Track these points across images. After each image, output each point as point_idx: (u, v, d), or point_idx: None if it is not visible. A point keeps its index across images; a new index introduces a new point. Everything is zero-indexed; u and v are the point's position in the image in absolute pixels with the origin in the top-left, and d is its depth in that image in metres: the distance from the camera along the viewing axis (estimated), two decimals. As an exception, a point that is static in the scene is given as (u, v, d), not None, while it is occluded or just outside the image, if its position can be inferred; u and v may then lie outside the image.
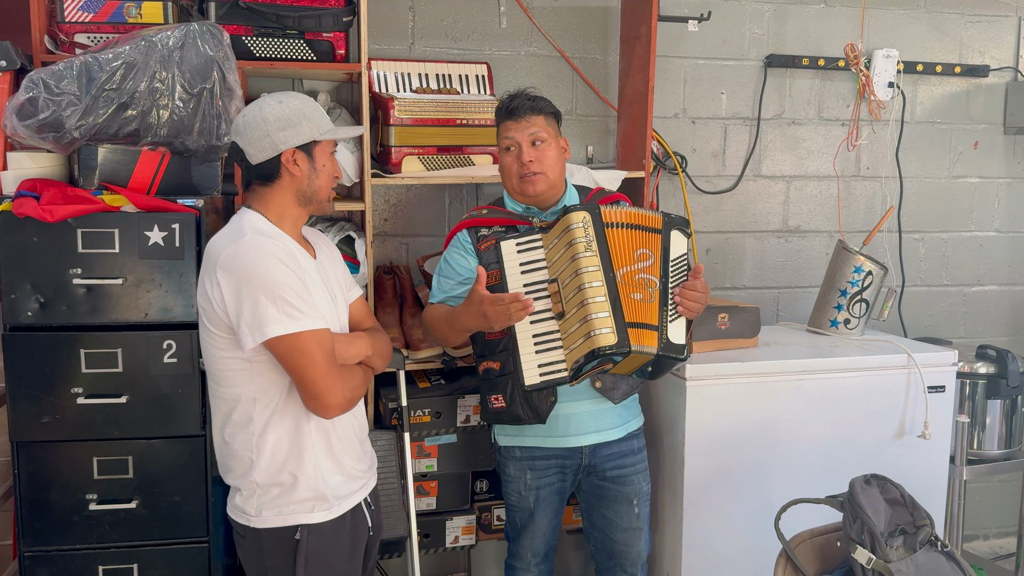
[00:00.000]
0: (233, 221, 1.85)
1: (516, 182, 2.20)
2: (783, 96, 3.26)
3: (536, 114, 2.19)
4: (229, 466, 1.88)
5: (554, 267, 2.04)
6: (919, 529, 1.94)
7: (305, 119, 1.83)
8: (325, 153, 1.88)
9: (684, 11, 3.08)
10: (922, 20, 3.34)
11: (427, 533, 2.70)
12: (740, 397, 2.52)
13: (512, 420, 2.22)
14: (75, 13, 2.29)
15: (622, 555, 2.35)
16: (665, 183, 3.17)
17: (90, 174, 2.13)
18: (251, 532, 1.85)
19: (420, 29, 2.93)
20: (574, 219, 2.01)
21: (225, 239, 1.79)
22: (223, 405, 1.84)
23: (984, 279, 3.56)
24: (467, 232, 2.25)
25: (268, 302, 1.70)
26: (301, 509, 1.83)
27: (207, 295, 1.76)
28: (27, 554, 2.13)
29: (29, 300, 2.05)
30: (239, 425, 1.82)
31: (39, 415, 2.08)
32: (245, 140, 1.83)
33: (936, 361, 2.69)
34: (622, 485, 2.29)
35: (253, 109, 1.84)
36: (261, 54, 2.46)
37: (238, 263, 1.73)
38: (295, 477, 1.82)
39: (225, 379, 1.82)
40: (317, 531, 1.84)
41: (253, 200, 1.87)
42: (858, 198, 3.38)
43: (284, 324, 1.71)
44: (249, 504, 1.84)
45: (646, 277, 2.04)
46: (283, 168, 1.83)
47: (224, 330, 1.77)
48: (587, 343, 1.95)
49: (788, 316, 3.36)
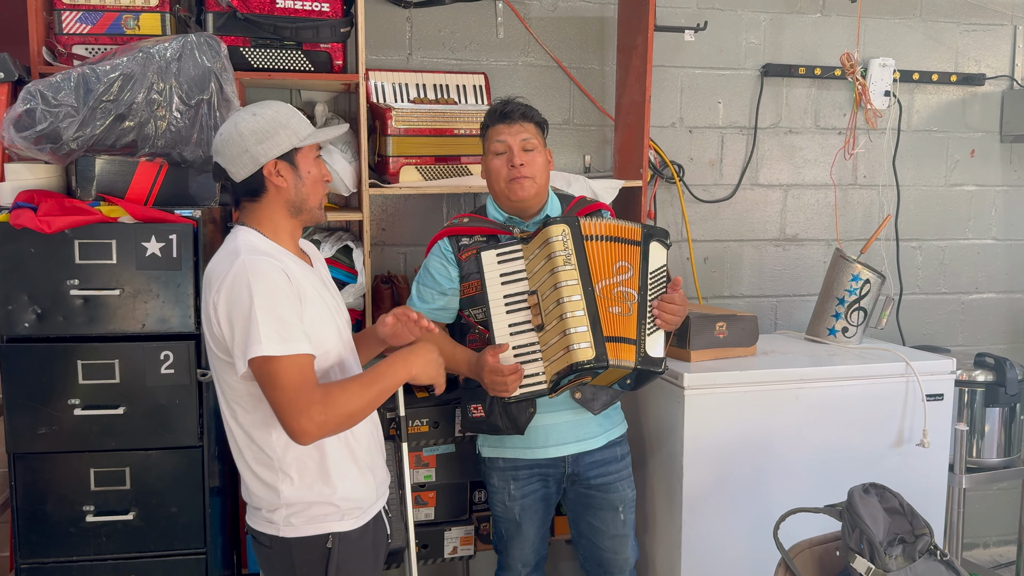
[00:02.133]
0: (228, 241, 1.79)
1: (504, 185, 2.18)
2: (780, 105, 3.27)
3: (528, 121, 2.20)
4: (255, 492, 1.79)
5: (534, 279, 2.05)
6: (918, 538, 1.93)
7: (282, 127, 1.75)
8: (309, 159, 1.80)
9: (680, 21, 3.09)
10: (918, 29, 3.35)
11: (425, 544, 2.69)
12: (738, 406, 2.51)
13: (491, 430, 2.22)
14: (73, 25, 2.30)
15: (610, 562, 2.35)
16: (662, 192, 3.18)
17: (87, 185, 2.14)
18: (279, 542, 1.78)
19: (417, 40, 2.94)
20: (553, 232, 2.02)
21: (221, 263, 1.73)
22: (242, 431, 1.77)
23: (982, 287, 3.56)
24: (448, 240, 2.24)
25: (253, 324, 1.63)
26: (332, 517, 1.78)
27: (211, 320, 1.71)
28: (24, 566, 2.12)
29: (26, 311, 2.05)
30: (260, 449, 1.75)
31: (36, 426, 2.08)
32: (225, 159, 1.76)
33: (934, 369, 2.69)
34: (607, 493, 2.29)
35: (228, 126, 1.76)
36: (259, 65, 2.47)
37: (231, 286, 1.67)
38: (323, 494, 1.77)
39: (238, 403, 1.75)
40: (347, 539, 1.80)
41: (245, 217, 1.81)
42: (855, 206, 3.39)
43: (263, 346, 1.63)
44: (276, 514, 1.77)
45: (625, 290, 2.05)
46: (267, 181, 1.76)
47: (228, 355, 1.71)
48: (565, 357, 1.97)
49: (786, 325, 3.36)
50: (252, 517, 1.84)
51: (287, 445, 1.73)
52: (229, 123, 1.77)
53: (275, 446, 1.74)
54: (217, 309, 1.68)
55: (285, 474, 1.75)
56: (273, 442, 1.74)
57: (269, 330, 1.63)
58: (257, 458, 1.76)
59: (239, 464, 1.81)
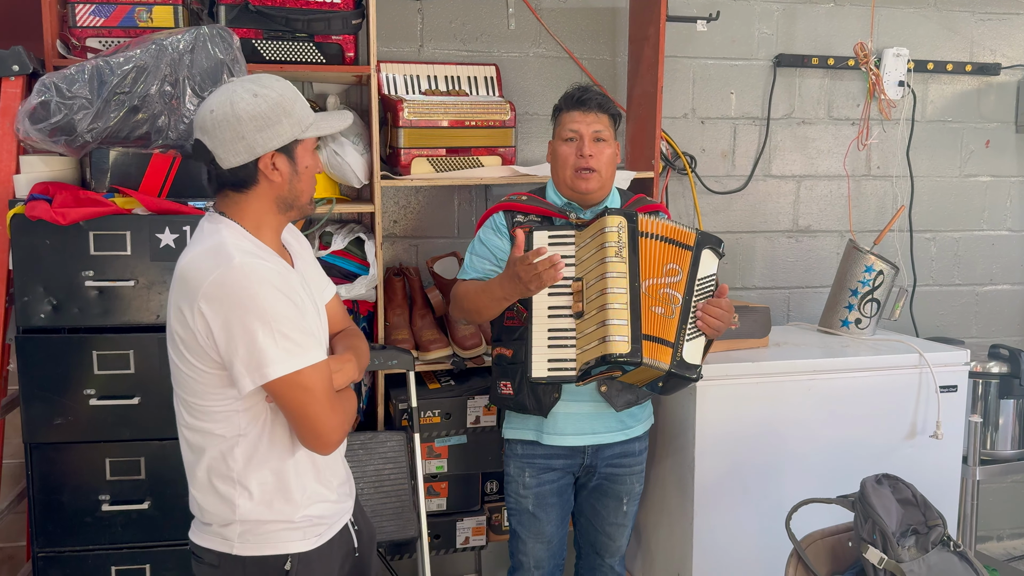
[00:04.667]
0: (207, 233, 1.59)
1: (571, 174, 2.17)
2: (793, 96, 3.25)
3: (603, 112, 2.18)
4: (204, 506, 1.64)
5: (582, 266, 2.05)
6: (931, 529, 1.93)
7: (285, 115, 1.56)
8: (308, 151, 1.63)
9: (692, 11, 3.07)
10: (932, 18, 3.32)
11: (437, 534, 2.70)
12: (751, 397, 2.51)
13: (517, 408, 2.22)
14: (86, 18, 2.31)
15: (603, 546, 2.37)
16: (674, 183, 3.17)
17: (102, 177, 2.15)
18: (230, 561, 1.62)
19: (429, 31, 2.94)
20: (610, 222, 2.01)
21: (206, 260, 1.53)
22: (201, 440, 1.61)
23: (996, 278, 3.53)
24: (503, 215, 2.24)
25: (266, 337, 1.49)
26: (292, 537, 1.64)
27: (186, 324, 1.52)
28: (40, 555, 2.14)
29: (42, 302, 2.07)
30: (219, 460, 1.60)
31: (52, 417, 2.10)
32: (215, 141, 1.54)
33: (948, 361, 2.67)
34: (615, 483, 2.30)
35: (223, 103, 1.54)
36: (271, 57, 2.47)
37: (226, 293, 1.49)
38: (283, 512, 1.63)
39: (207, 415, 1.59)
40: (307, 559, 1.65)
41: (226, 207, 1.61)
42: (869, 197, 3.37)
43: (286, 362, 1.50)
44: (229, 530, 1.61)
45: (670, 292, 2.04)
46: (260, 174, 1.57)
47: (211, 366, 1.54)
48: (600, 347, 1.95)
49: (799, 316, 3.35)
50: (198, 533, 1.67)
51: (249, 459, 1.60)
52: (223, 98, 1.55)
53: (238, 458, 1.59)
54: (207, 316, 1.50)
55: (244, 488, 1.60)
56: (237, 455, 1.59)
57: (287, 344, 1.51)
58: (215, 469, 1.61)
59: (190, 474, 1.66)
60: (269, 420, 1.61)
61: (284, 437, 1.62)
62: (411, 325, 2.71)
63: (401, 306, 2.75)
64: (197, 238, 1.61)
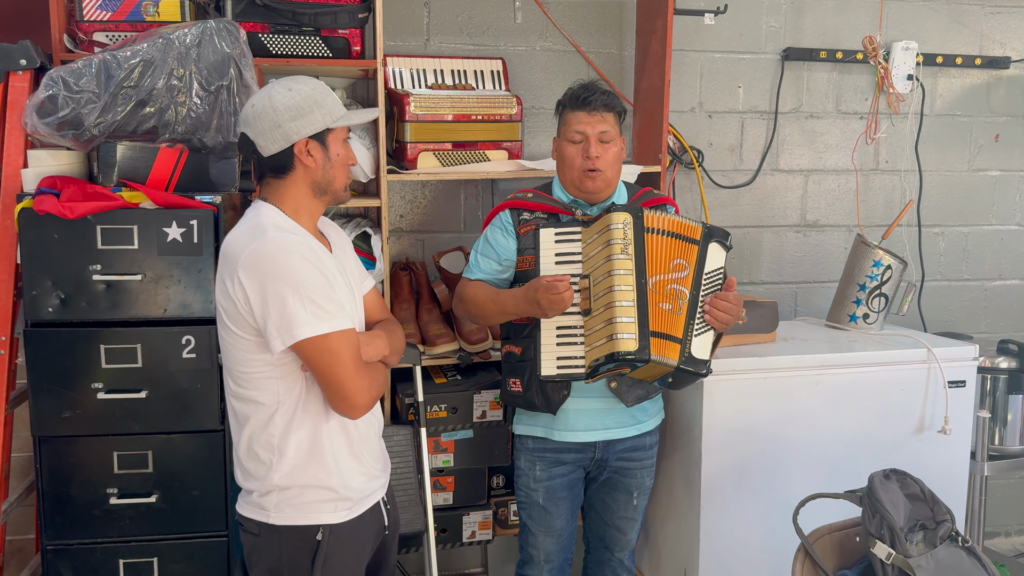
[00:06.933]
0: (249, 216, 1.78)
1: (577, 175, 2.17)
2: (800, 89, 3.24)
3: (609, 111, 2.17)
4: (248, 469, 1.80)
5: (589, 263, 2.05)
6: (939, 524, 1.92)
7: (317, 106, 1.75)
8: (339, 140, 1.81)
9: (700, 4, 3.06)
10: (942, 12, 3.30)
11: (444, 528, 2.70)
12: (758, 392, 2.50)
13: (526, 405, 2.23)
14: (93, 12, 2.31)
15: (613, 539, 2.37)
16: (681, 178, 3.16)
17: (109, 171, 2.15)
18: (268, 529, 1.77)
19: (435, 25, 2.93)
20: (616, 219, 2.01)
21: (244, 236, 1.71)
22: (245, 408, 1.78)
23: (1005, 273, 3.52)
24: (509, 213, 2.24)
25: (296, 302, 1.65)
26: (324, 509, 1.78)
27: (229, 295, 1.70)
28: (49, 548, 2.15)
29: (50, 296, 2.08)
30: (260, 428, 1.76)
31: (60, 410, 2.11)
32: (255, 131, 1.75)
33: (956, 356, 2.66)
34: (625, 477, 2.30)
35: (262, 98, 1.75)
36: (277, 51, 2.47)
37: (262, 262, 1.66)
38: (317, 477, 1.77)
39: (249, 382, 1.75)
40: (338, 531, 1.79)
41: (268, 193, 1.80)
42: (877, 192, 3.35)
43: (313, 325, 1.65)
44: (267, 500, 1.77)
45: (678, 288, 2.03)
46: (296, 159, 1.76)
47: (250, 332, 1.71)
48: (608, 345, 1.96)
49: (806, 311, 3.34)
50: (242, 503, 1.83)
51: (287, 425, 1.75)
52: (263, 95, 1.76)
53: (278, 424, 1.75)
54: (244, 284, 1.66)
55: (281, 453, 1.75)
56: (277, 421, 1.75)
57: (315, 309, 1.66)
58: (256, 437, 1.76)
59: (236, 443, 1.82)
60: (304, 388, 1.75)
61: (318, 405, 1.77)
62: (417, 320, 2.71)
63: (407, 300, 2.75)
64: (241, 221, 1.79)
